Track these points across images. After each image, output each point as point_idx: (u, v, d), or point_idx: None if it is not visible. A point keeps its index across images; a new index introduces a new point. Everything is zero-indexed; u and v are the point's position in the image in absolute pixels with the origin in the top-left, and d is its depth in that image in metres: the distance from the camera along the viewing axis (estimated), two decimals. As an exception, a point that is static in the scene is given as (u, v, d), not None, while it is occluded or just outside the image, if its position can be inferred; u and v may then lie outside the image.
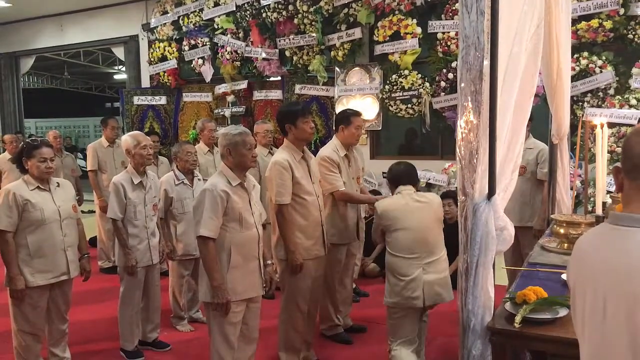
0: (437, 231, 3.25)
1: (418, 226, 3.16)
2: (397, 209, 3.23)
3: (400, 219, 3.19)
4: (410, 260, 3.16)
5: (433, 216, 3.23)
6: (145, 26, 9.10)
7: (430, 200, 3.29)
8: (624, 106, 5.57)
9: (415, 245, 3.15)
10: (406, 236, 3.16)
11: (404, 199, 3.24)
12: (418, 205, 3.21)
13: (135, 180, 3.71)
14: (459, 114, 1.88)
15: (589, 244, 1.39)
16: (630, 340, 1.21)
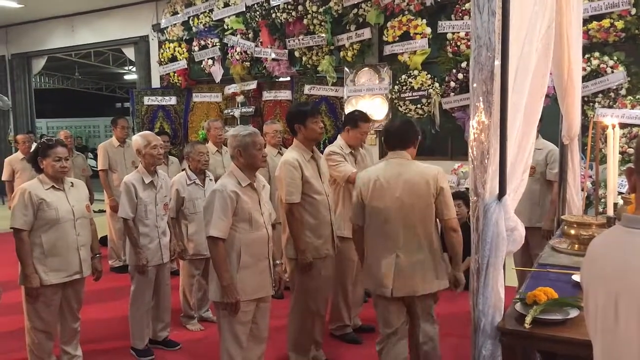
0: (425, 211, 2.83)
1: (398, 202, 2.81)
2: (377, 179, 2.88)
3: (378, 191, 2.86)
4: (384, 243, 2.86)
5: (423, 191, 2.82)
6: (156, 27, 9.15)
7: (423, 171, 2.85)
8: (635, 107, 5.53)
9: (391, 224, 2.83)
10: (381, 213, 2.85)
11: (388, 168, 2.90)
12: (405, 177, 2.83)
13: (146, 180, 3.74)
14: (472, 115, 1.88)
15: (601, 246, 1.39)
16: (643, 343, 1.21)
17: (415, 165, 2.89)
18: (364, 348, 3.93)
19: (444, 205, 2.83)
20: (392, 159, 2.92)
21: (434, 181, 2.81)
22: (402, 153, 2.92)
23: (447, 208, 2.84)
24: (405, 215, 2.82)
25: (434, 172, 2.84)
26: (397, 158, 2.91)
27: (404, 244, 2.85)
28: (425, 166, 2.89)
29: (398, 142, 2.94)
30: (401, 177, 2.83)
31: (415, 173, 2.84)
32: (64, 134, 6.76)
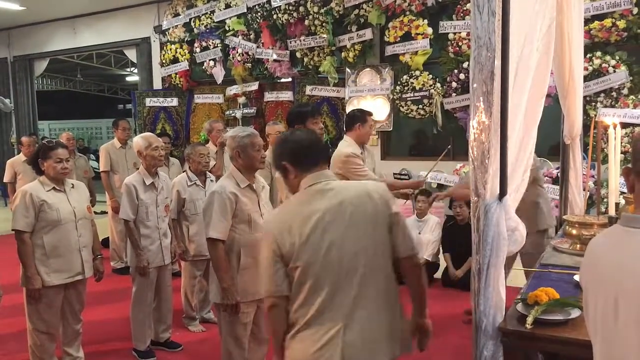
0: (383, 250, 1.93)
1: (348, 245, 1.87)
2: (308, 219, 1.88)
3: (314, 237, 1.86)
4: (322, 314, 1.86)
5: (375, 220, 1.91)
6: (157, 28, 9.17)
7: (369, 190, 1.95)
8: (637, 106, 5.53)
9: (338, 283, 1.85)
10: (315, 268, 1.85)
11: (318, 200, 1.92)
12: (349, 207, 1.90)
13: (147, 182, 3.74)
14: (472, 115, 1.87)
15: (601, 246, 1.39)
16: (642, 343, 1.21)
17: (352, 184, 2.08)
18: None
19: (404, 235, 1.94)
20: (318, 185, 1.94)
21: (384, 204, 1.93)
22: (327, 173, 2.00)
23: (410, 239, 1.98)
24: (357, 264, 1.87)
25: (381, 189, 1.97)
26: (324, 181, 1.94)
27: (354, 307, 1.88)
28: (366, 182, 2.13)
29: (318, 156, 2.01)
30: (344, 207, 1.87)
31: (360, 195, 1.91)
32: (66, 135, 6.77)
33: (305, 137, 2.07)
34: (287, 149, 2.02)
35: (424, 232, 5.47)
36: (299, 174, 1.99)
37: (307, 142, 2.03)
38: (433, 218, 5.55)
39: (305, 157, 2.01)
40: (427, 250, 5.40)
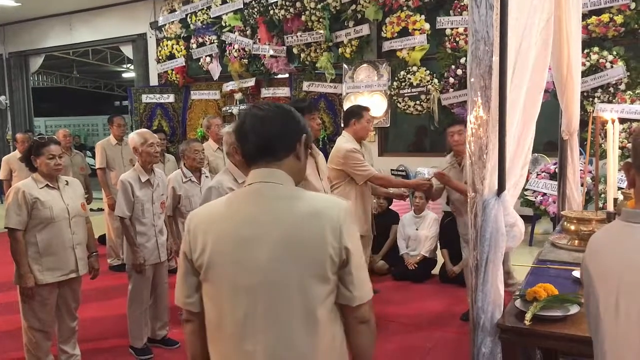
0: (320, 294, 1.42)
1: (265, 275, 1.42)
2: (227, 222, 1.48)
3: (225, 248, 1.46)
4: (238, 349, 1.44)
5: (303, 250, 1.41)
6: (154, 24, 9.13)
7: (319, 211, 1.44)
8: (635, 101, 5.52)
9: (250, 315, 1.43)
10: (221, 291, 1.47)
11: (247, 204, 1.48)
12: (283, 225, 1.43)
13: (143, 178, 3.72)
14: (469, 110, 1.86)
15: (601, 242, 1.37)
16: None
17: (303, 196, 1.48)
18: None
19: (351, 281, 1.44)
20: (260, 186, 1.47)
21: (336, 233, 1.41)
22: (274, 172, 1.47)
23: (358, 286, 1.45)
24: (274, 299, 1.42)
25: (341, 214, 1.44)
26: (272, 183, 1.46)
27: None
28: (323, 199, 1.56)
29: (263, 147, 1.48)
30: (279, 224, 1.42)
31: (307, 214, 1.43)
32: (62, 132, 6.74)
33: (263, 116, 1.48)
34: (237, 127, 1.53)
35: (421, 228, 5.46)
36: (246, 164, 1.53)
37: (260, 124, 1.47)
38: (430, 214, 5.54)
39: (252, 144, 1.48)
40: (424, 246, 5.39)
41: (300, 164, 1.52)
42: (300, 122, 1.52)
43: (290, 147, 1.49)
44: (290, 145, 1.49)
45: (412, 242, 5.50)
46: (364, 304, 1.47)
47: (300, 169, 1.53)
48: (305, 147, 1.53)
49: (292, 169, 1.49)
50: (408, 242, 5.52)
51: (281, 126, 1.47)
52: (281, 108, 1.53)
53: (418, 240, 5.45)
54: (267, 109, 1.50)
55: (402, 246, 5.51)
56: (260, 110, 1.49)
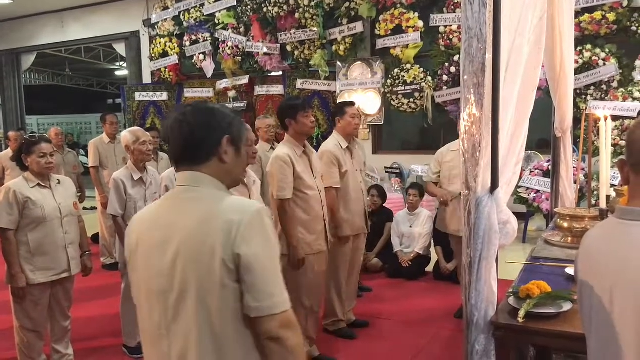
0: (217, 304, 1.36)
1: (168, 282, 1.40)
2: (141, 228, 1.51)
3: (138, 254, 1.49)
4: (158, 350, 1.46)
5: (209, 262, 1.35)
6: (147, 22, 9.09)
7: (218, 215, 1.38)
8: (627, 99, 5.54)
9: (163, 321, 1.43)
10: (146, 297, 1.48)
11: (164, 209, 1.50)
12: (182, 231, 1.39)
13: (135, 177, 3.70)
14: (462, 107, 1.86)
15: (596, 239, 1.38)
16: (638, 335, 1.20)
17: (213, 200, 1.43)
18: (357, 343, 3.92)
19: (248, 290, 1.34)
20: (177, 188, 1.49)
21: (227, 240, 1.34)
22: (194, 175, 1.45)
23: (258, 297, 1.34)
24: (182, 311, 1.39)
25: (237, 217, 1.36)
26: (183, 186, 1.47)
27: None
28: (232, 203, 1.43)
29: (182, 152, 1.47)
30: (176, 230, 1.40)
31: (204, 219, 1.39)
32: (54, 130, 6.69)
33: (182, 121, 1.45)
34: (163, 132, 1.59)
35: (415, 226, 5.46)
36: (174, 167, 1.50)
37: (178, 129, 1.46)
38: (424, 212, 5.54)
39: (173, 148, 1.49)
40: (418, 243, 5.40)
41: (227, 166, 1.47)
42: (223, 124, 1.47)
43: (210, 151, 1.45)
44: (210, 148, 1.45)
45: (406, 239, 5.51)
46: (271, 318, 1.34)
47: (228, 170, 1.48)
48: (235, 148, 1.48)
49: (217, 171, 1.46)
50: (402, 240, 5.53)
51: (199, 130, 1.44)
52: (202, 111, 1.48)
53: (412, 237, 5.46)
54: (188, 112, 1.47)
55: (396, 244, 5.52)
56: (181, 115, 1.46)
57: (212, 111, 1.49)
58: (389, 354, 3.73)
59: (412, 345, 3.82)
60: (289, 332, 1.37)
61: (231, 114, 1.52)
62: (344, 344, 3.90)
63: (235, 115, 1.52)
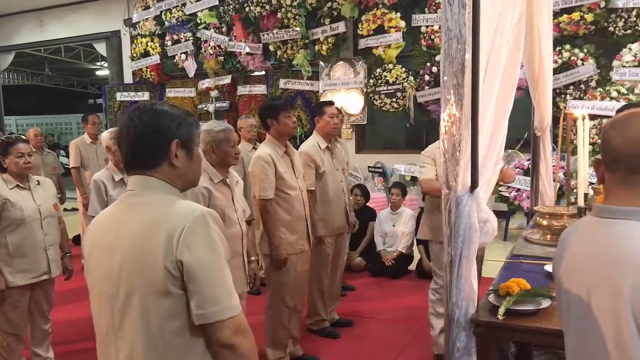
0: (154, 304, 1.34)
1: (114, 288, 1.39)
2: (97, 230, 1.50)
3: (93, 255, 1.47)
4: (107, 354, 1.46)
5: (153, 269, 1.32)
6: (127, 21, 9.01)
7: (165, 220, 1.35)
8: (605, 98, 5.63)
9: (111, 325, 1.42)
10: (97, 301, 1.47)
11: (116, 214, 1.48)
12: (129, 235, 1.38)
13: (117, 178, 3.66)
14: (442, 107, 1.87)
15: (573, 237, 1.40)
16: (615, 333, 1.22)
17: (160, 205, 1.40)
18: (341, 342, 3.93)
19: (193, 297, 1.32)
20: (128, 192, 1.47)
21: (169, 246, 1.32)
22: (144, 180, 1.43)
23: (203, 303, 1.33)
24: (127, 317, 1.38)
25: (180, 222, 1.33)
26: (132, 190, 1.45)
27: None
28: (176, 207, 1.39)
29: (131, 157, 1.45)
30: (123, 235, 1.39)
31: (147, 225, 1.36)
32: (33, 131, 6.61)
33: (129, 126, 1.42)
34: (116, 135, 1.57)
35: (398, 225, 5.50)
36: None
37: (126, 134, 1.43)
38: (407, 210, 5.58)
39: (123, 153, 1.46)
40: (401, 242, 5.43)
41: (178, 170, 1.45)
42: (171, 127, 1.43)
43: (158, 156, 1.43)
44: (158, 153, 1.42)
45: (389, 238, 5.54)
46: (221, 325, 1.32)
47: (180, 174, 1.46)
48: (186, 151, 1.46)
49: (168, 175, 1.44)
50: (385, 239, 5.56)
51: (146, 135, 1.41)
52: (148, 114, 1.44)
53: (395, 236, 5.49)
54: (135, 116, 1.43)
55: (379, 243, 5.55)
56: (129, 119, 1.43)
57: (158, 114, 1.44)
58: (373, 352, 3.76)
59: (395, 344, 3.85)
60: (241, 338, 1.36)
61: (182, 114, 1.47)
62: (327, 343, 3.91)
63: (186, 116, 1.48)
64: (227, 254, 1.41)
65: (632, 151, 1.22)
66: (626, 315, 1.19)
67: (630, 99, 5.45)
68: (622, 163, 1.25)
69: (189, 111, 1.65)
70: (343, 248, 4.22)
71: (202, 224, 1.35)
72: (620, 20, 5.62)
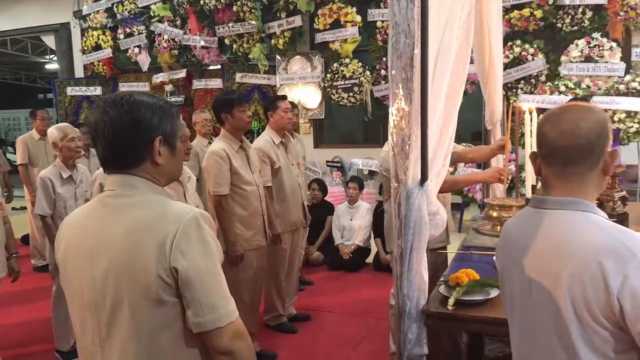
0: (153, 324, 1.27)
1: (98, 293, 1.30)
2: (73, 231, 1.39)
3: (69, 261, 1.38)
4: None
5: (144, 275, 1.25)
6: (77, 13, 8.73)
7: (157, 222, 1.28)
8: (554, 92, 5.80)
9: (97, 336, 1.33)
10: (78, 309, 1.37)
11: (92, 216, 1.36)
12: (111, 239, 1.29)
13: (65, 175, 3.56)
14: (391, 102, 1.88)
15: (513, 228, 1.44)
16: (554, 318, 1.26)
17: (146, 208, 1.31)
18: (299, 337, 3.94)
19: (189, 305, 1.26)
20: (106, 192, 1.36)
21: (161, 253, 1.24)
22: (125, 179, 1.34)
23: (201, 311, 1.26)
24: (114, 328, 1.30)
25: (172, 227, 1.26)
26: (113, 191, 1.34)
27: None
28: (166, 210, 1.30)
29: (110, 155, 1.34)
30: (107, 240, 1.30)
31: (135, 230, 1.28)
32: (-23, 127, 6.34)
33: (106, 121, 1.30)
34: (90, 131, 1.41)
35: (355, 218, 5.54)
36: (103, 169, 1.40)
37: (103, 131, 1.31)
38: (364, 204, 5.62)
39: (101, 151, 1.34)
40: (358, 236, 5.47)
41: (162, 167, 1.35)
42: (153, 122, 1.32)
43: (140, 154, 1.32)
44: (140, 151, 1.32)
45: (346, 232, 5.57)
46: (219, 332, 1.26)
47: (163, 172, 1.37)
48: (170, 147, 1.35)
49: (151, 173, 1.34)
50: (343, 233, 5.59)
51: (126, 133, 1.30)
52: (127, 109, 1.31)
53: (352, 230, 5.53)
54: (111, 110, 1.30)
55: (337, 236, 5.57)
56: (104, 114, 1.30)
57: (138, 107, 1.31)
58: (330, 346, 3.77)
59: (353, 336, 3.88)
60: (240, 343, 1.30)
61: (163, 106, 1.36)
62: (285, 339, 3.91)
63: (166, 108, 1.36)
64: (221, 255, 1.33)
65: (566, 144, 1.26)
66: (565, 303, 1.23)
67: (577, 93, 5.64)
68: (556, 156, 1.28)
69: (168, 100, 1.48)
70: (300, 243, 4.22)
71: (195, 227, 1.26)
72: (567, 16, 5.79)
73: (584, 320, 1.21)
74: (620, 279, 1.15)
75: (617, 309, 1.16)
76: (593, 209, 1.28)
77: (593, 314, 1.19)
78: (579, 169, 1.27)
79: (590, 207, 1.27)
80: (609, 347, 1.21)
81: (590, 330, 1.21)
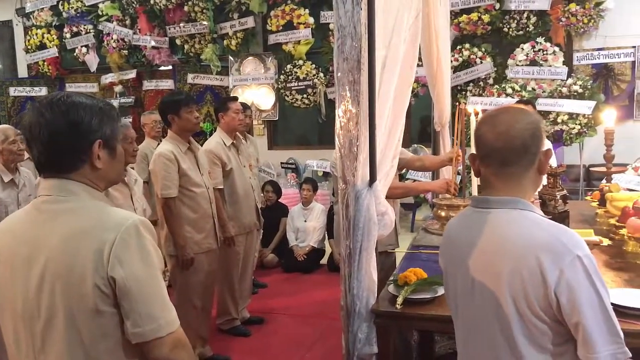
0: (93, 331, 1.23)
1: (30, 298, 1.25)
2: (6, 237, 1.32)
3: (4, 266, 1.30)
4: None
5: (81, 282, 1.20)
6: (20, 11, 8.41)
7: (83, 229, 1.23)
8: (501, 95, 5.96)
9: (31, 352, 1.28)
10: (11, 321, 1.30)
11: (30, 220, 1.30)
12: (52, 244, 1.23)
13: (6, 178, 3.41)
14: (337, 104, 1.90)
15: (456, 228, 1.47)
16: (496, 314, 1.30)
17: (84, 214, 1.26)
18: (252, 340, 3.91)
19: (127, 315, 1.22)
20: (41, 198, 1.30)
21: (98, 261, 1.20)
22: (62, 184, 1.28)
23: (139, 321, 1.22)
24: (49, 341, 1.25)
25: (110, 235, 1.21)
26: (48, 196, 1.28)
27: None
28: (104, 217, 1.26)
29: (46, 159, 1.27)
30: (42, 247, 1.24)
31: (71, 238, 1.22)
32: None
33: (42, 123, 1.24)
34: (24, 133, 1.31)
35: (309, 220, 5.54)
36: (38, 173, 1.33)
37: (38, 133, 1.24)
38: (318, 206, 5.64)
39: (36, 154, 1.27)
40: (313, 237, 5.48)
41: (101, 171, 1.30)
42: (92, 125, 1.27)
43: (78, 158, 1.27)
44: (78, 155, 1.27)
45: (301, 233, 5.57)
46: (159, 342, 1.22)
47: (102, 176, 1.32)
48: (109, 150, 1.31)
49: (90, 178, 1.29)
50: (297, 234, 5.58)
51: (63, 137, 1.24)
52: (63, 111, 1.25)
53: (306, 231, 5.53)
54: (47, 112, 1.24)
55: (291, 238, 5.56)
56: (39, 115, 1.24)
57: (76, 108, 1.25)
58: (284, 348, 3.76)
59: (306, 338, 3.88)
60: (181, 353, 1.27)
61: (103, 107, 1.30)
62: (238, 342, 3.87)
63: (106, 110, 1.31)
64: (161, 264, 1.28)
65: (502, 145, 1.30)
66: (506, 299, 1.27)
67: (523, 95, 5.81)
68: (493, 157, 1.32)
69: (108, 101, 1.42)
70: (254, 245, 4.18)
71: (135, 234, 1.22)
72: (513, 21, 5.97)
73: (524, 314, 1.25)
74: (557, 274, 1.20)
75: (555, 302, 1.21)
76: (530, 207, 1.32)
77: (532, 308, 1.24)
78: (515, 169, 1.31)
79: (527, 205, 1.32)
80: (547, 340, 1.26)
81: (530, 324, 1.26)
